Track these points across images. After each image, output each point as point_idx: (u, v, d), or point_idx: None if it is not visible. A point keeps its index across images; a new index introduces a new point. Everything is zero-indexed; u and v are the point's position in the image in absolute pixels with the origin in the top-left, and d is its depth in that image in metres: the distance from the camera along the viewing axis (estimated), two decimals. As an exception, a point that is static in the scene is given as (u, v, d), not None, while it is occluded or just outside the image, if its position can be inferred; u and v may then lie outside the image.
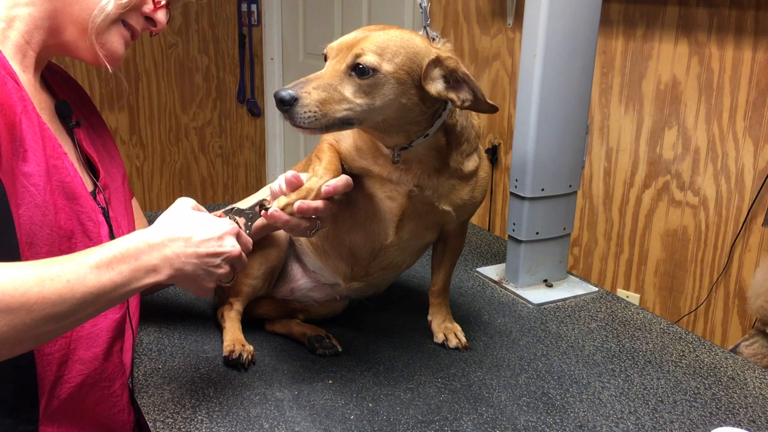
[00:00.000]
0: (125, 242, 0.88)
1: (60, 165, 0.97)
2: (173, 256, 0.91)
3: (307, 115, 0.96)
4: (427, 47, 1.02)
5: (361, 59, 0.97)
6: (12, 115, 0.89)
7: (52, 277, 0.79)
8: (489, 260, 1.72)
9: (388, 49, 0.99)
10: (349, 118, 0.99)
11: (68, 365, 0.97)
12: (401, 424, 1.04)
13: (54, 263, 0.81)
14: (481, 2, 2.92)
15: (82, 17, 1.01)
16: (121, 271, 0.85)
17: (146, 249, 0.89)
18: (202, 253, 0.94)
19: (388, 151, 1.11)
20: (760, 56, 2.17)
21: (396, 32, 1.01)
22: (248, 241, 1.04)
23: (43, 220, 0.92)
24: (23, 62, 0.99)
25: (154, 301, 1.41)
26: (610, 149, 2.62)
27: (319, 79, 0.98)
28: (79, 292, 0.80)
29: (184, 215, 0.97)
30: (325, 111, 0.97)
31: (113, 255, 0.86)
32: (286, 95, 0.95)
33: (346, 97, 0.98)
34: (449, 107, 1.09)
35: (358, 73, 0.98)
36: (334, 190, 1.03)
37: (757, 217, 2.26)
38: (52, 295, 0.78)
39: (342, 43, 1.01)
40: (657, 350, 1.29)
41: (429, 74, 1.01)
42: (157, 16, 1.08)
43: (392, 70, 0.98)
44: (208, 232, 0.96)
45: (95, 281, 0.82)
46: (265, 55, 4.05)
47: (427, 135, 1.08)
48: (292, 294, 1.31)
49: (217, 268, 0.96)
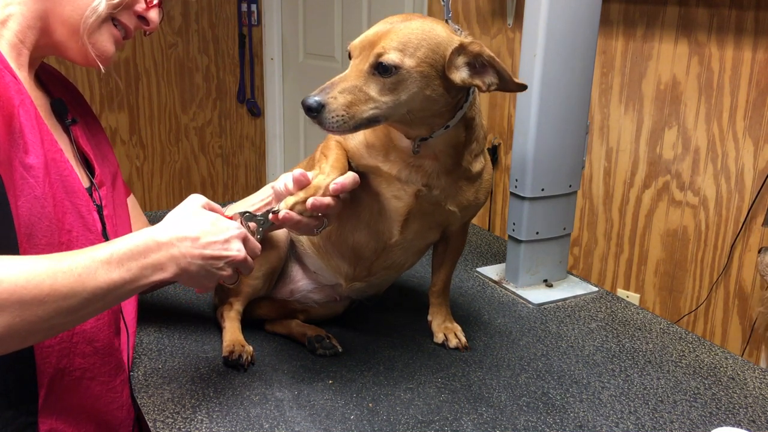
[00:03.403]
0: (135, 239, 0.90)
1: (59, 159, 0.97)
2: (179, 255, 0.92)
3: (335, 119, 0.97)
4: (449, 36, 1.01)
5: (383, 58, 0.97)
6: (10, 107, 0.89)
7: (65, 270, 0.80)
8: (489, 260, 1.72)
9: (409, 43, 0.98)
10: (376, 116, 1.00)
11: (68, 358, 0.98)
12: (401, 424, 1.04)
13: (66, 257, 0.82)
14: (481, 2, 2.92)
15: (73, 17, 1.01)
16: (130, 267, 0.87)
17: (155, 247, 0.90)
18: (207, 255, 0.95)
19: (406, 144, 1.10)
20: (760, 56, 2.17)
21: (417, 23, 1.00)
22: (256, 246, 1.04)
23: (42, 213, 0.92)
24: (18, 60, 0.99)
25: (154, 301, 1.41)
26: (610, 149, 2.62)
27: (344, 82, 0.98)
28: (89, 287, 0.82)
29: (194, 214, 0.98)
30: (352, 113, 0.97)
31: (123, 252, 0.87)
32: (313, 103, 0.96)
33: (371, 97, 0.98)
34: (470, 99, 1.09)
35: (381, 71, 0.97)
36: (342, 188, 1.03)
37: (757, 217, 2.26)
38: (63, 288, 0.79)
39: (364, 40, 1.01)
40: (657, 350, 1.29)
41: (453, 63, 1.01)
42: (149, 14, 1.08)
43: (415, 65, 0.98)
44: (214, 235, 0.96)
45: (105, 277, 0.84)
46: (265, 55, 4.05)
47: (448, 126, 1.08)
48: (292, 295, 1.31)
49: (219, 270, 0.97)
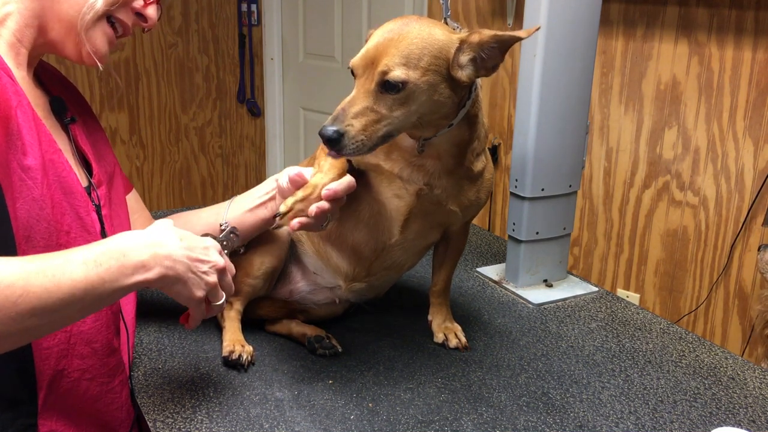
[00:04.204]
0: (114, 239, 0.89)
1: (57, 159, 0.97)
2: (164, 254, 0.91)
3: (355, 144, 0.98)
4: (449, 37, 1.01)
5: (389, 76, 0.97)
6: (7, 109, 0.89)
7: (38, 271, 0.79)
8: (489, 260, 1.72)
9: (411, 55, 0.98)
10: (390, 132, 1.01)
11: (67, 359, 0.97)
12: (401, 424, 1.04)
13: (40, 258, 0.81)
14: (481, 2, 2.92)
15: (70, 15, 1.01)
16: (109, 267, 0.85)
17: (135, 246, 0.89)
18: (192, 257, 0.94)
19: (409, 143, 1.11)
20: (760, 56, 2.17)
21: (415, 31, 1.00)
22: (229, 265, 1.03)
23: (41, 214, 0.92)
24: (16, 59, 0.99)
25: (154, 301, 1.41)
26: (610, 149, 2.62)
27: (354, 105, 0.98)
28: (65, 287, 0.80)
29: (169, 228, 0.97)
30: (369, 134, 0.98)
31: (101, 251, 0.86)
32: (332, 134, 0.96)
33: (383, 115, 0.99)
34: (473, 95, 1.09)
35: (389, 88, 0.98)
36: (335, 194, 1.03)
37: (757, 217, 2.26)
38: (37, 288, 0.78)
39: (366, 57, 1.00)
40: (657, 350, 1.29)
41: (457, 62, 1.01)
42: (147, 11, 1.08)
43: (420, 75, 0.98)
44: (195, 241, 0.97)
45: (81, 276, 0.82)
46: (265, 55, 4.05)
47: (452, 125, 1.08)
48: (291, 296, 1.31)
49: (205, 275, 0.96)
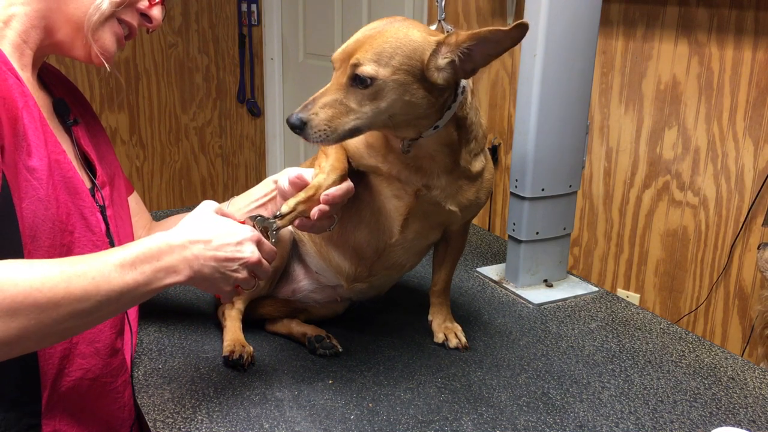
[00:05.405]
0: (148, 243, 0.90)
1: (62, 160, 0.98)
2: (192, 258, 0.93)
3: (318, 134, 0.99)
4: (425, 39, 1.00)
5: (359, 70, 0.98)
6: (14, 110, 0.90)
7: (79, 274, 0.81)
8: (489, 260, 1.72)
9: (384, 53, 0.99)
10: (358, 127, 1.01)
11: (70, 359, 0.98)
12: (401, 424, 1.04)
13: (80, 261, 0.83)
14: (481, 2, 2.92)
15: (76, 16, 1.01)
16: (143, 270, 0.87)
17: (168, 250, 0.91)
18: (220, 257, 0.95)
19: (398, 143, 1.11)
20: (760, 56, 2.17)
21: (392, 31, 1.00)
22: (271, 248, 1.05)
23: (46, 214, 0.93)
24: (21, 60, 0.99)
25: (154, 301, 1.41)
26: (610, 149, 2.62)
27: (324, 96, 1.00)
28: (103, 290, 0.83)
29: (206, 219, 0.99)
30: (334, 126, 0.99)
31: (136, 255, 0.87)
32: (296, 121, 0.98)
33: (352, 109, 1.00)
34: (459, 98, 1.08)
35: (359, 83, 0.99)
36: (333, 200, 1.04)
37: (757, 217, 2.26)
38: (78, 291, 0.80)
39: (343, 51, 1.02)
40: (657, 350, 1.29)
41: (433, 64, 1.00)
42: (152, 12, 1.09)
43: (390, 74, 0.99)
44: (227, 237, 0.97)
45: (119, 280, 0.84)
46: (265, 55, 4.05)
47: (437, 127, 1.08)
48: (293, 295, 1.32)
49: (234, 273, 0.98)
